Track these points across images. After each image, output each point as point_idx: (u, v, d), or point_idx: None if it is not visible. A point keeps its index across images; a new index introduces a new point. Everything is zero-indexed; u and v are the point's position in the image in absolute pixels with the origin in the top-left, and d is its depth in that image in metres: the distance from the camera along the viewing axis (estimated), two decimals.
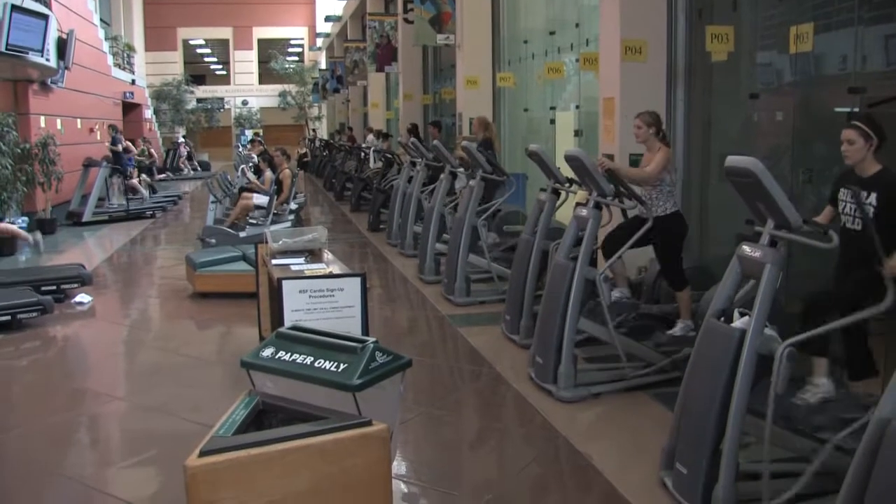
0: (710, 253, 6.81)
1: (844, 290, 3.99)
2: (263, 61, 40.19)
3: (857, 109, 5.10)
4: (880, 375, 4.05)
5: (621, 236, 5.41)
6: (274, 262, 4.67)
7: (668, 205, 5.48)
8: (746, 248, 3.55)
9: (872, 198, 3.86)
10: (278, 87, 38.88)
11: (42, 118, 14.14)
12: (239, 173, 12.75)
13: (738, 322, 3.44)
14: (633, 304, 5.75)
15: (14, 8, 11.46)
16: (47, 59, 13.06)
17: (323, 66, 34.86)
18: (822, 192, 5.54)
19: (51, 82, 14.50)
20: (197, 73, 39.69)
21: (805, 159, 5.80)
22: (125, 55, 25.06)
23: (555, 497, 3.95)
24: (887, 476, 2.48)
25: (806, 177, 5.65)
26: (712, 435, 3.38)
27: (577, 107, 9.68)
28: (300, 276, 4.13)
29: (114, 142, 17.81)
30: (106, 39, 21.37)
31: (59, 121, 15.13)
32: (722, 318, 3.56)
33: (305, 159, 28.16)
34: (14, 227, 8.74)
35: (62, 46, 13.90)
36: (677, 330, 5.58)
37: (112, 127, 18.67)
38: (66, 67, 14.47)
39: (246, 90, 40.91)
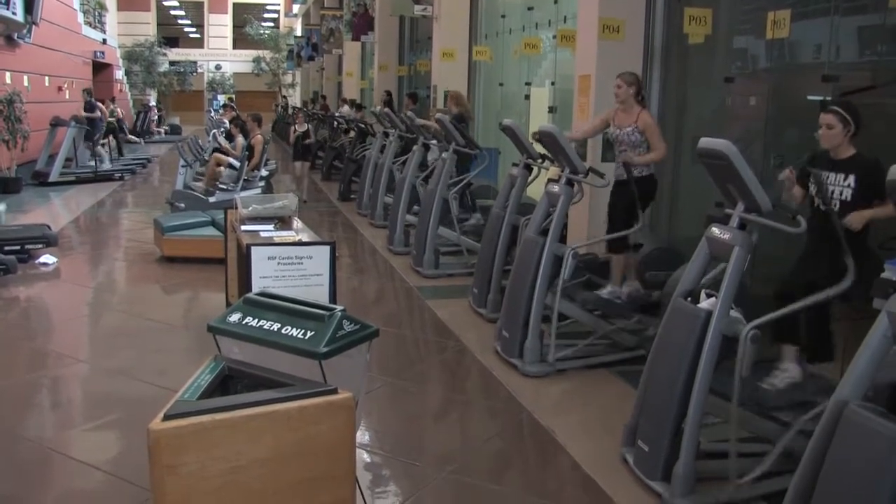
0: (679, 234, 6.85)
1: (817, 275, 4.04)
2: (238, 26, 39.72)
3: (829, 98, 5.14)
4: (836, 361, 4.12)
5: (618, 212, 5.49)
6: (243, 228, 4.63)
7: (644, 167, 5.54)
8: (715, 230, 3.58)
9: (851, 179, 3.91)
10: (252, 53, 38.49)
11: (8, 74, 13.85)
12: (210, 138, 12.61)
13: (705, 303, 3.48)
14: (646, 294, 5.66)
15: None
16: (13, 13, 12.79)
17: (298, 33, 34.49)
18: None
19: (17, 37, 14.18)
20: (170, 35, 39.13)
21: (777, 144, 5.85)
22: (96, 13, 24.57)
23: (517, 470, 3.99)
24: (841, 456, 2.52)
25: (777, 162, 5.70)
26: (674, 413, 3.43)
27: (553, 83, 9.67)
28: (269, 243, 4.10)
29: (90, 108, 17.51)
30: None
31: (26, 77, 14.83)
32: (688, 299, 3.59)
33: (307, 141, 16.69)
34: None
35: (30, 0, 13.60)
36: (605, 293, 5.63)
37: (87, 91, 18.34)
38: (34, 23, 14.18)
39: (220, 54, 40.42)
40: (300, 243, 4.10)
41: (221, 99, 34.06)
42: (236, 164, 10.44)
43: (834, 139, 3.97)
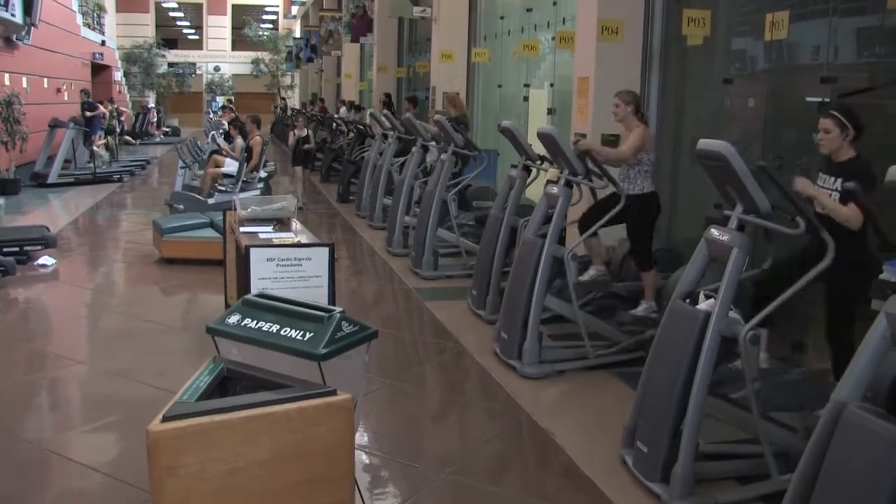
0: (678, 235, 6.86)
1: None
2: (237, 27, 39.72)
3: (827, 99, 5.15)
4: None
5: (597, 214, 5.45)
6: (242, 229, 4.64)
7: (645, 184, 5.52)
8: (714, 232, 3.58)
9: (838, 183, 3.93)
10: (251, 55, 38.48)
11: (7, 75, 13.84)
12: (209, 140, 12.60)
13: (704, 304, 3.48)
14: (606, 281, 5.74)
15: None
16: (12, 14, 12.79)
17: (297, 34, 34.50)
18: (792, 178, 5.60)
19: (16, 39, 14.18)
20: (169, 37, 39.11)
21: (776, 146, 5.85)
22: (95, 15, 24.56)
23: (516, 472, 3.99)
24: (840, 456, 2.52)
25: (776, 163, 5.70)
26: (673, 415, 3.42)
27: (552, 85, 9.67)
28: (268, 245, 4.11)
29: (91, 107, 17.52)
30: None
31: (24, 79, 14.82)
32: (687, 300, 3.59)
33: (307, 146, 13.55)
34: None
35: (28, 2, 13.60)
36: (640, 310, 5.63)
37: (84, 92, 18.33)
38: (33, 24, 14.17)
39: (218, 56, 40.41)
40: (299, 245, 4.11)
41: (220, 100, 34.01)
42: (232, 171, 10.44)
43: (832, 143, 3.99)
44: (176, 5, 41.02)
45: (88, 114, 17.18)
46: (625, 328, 5.42)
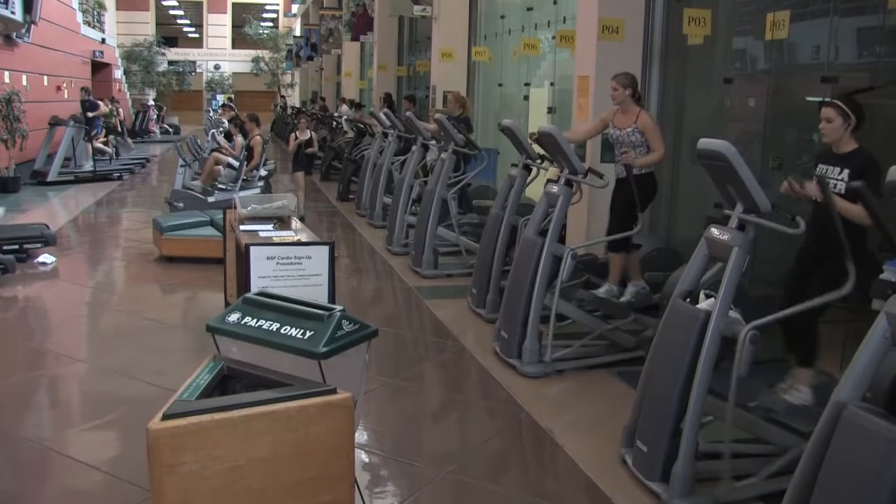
0: (678, 235, 6.85)
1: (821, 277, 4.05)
2: (237, 25, 39.71)
3: (828, 99, 5.14)
4: (821, 363, 4.13)
5: (619, 224, 5.48)
6: (242, 227, 4.63)
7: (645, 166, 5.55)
8: (715, 231, 3.58)
9: (845, 174, 3.92)
10: (251, 53, 38.49)
11: (6, 73, 13.83)
12: (209, 138, 12.60)
13: (704, 304, 3.48)
14: (648, 294, 5.63)
15: None
16: (12, 12, 12.77)
17: (298, 32, 34.50)
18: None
19: (16, 36, 14.17)
20: (169, 35, 39.11)
21: (776, 146, 5.85)
22: (95, 13, 24.54)
23: (516, 471, 3.98)
24: (840, 457, 2.52)
25: (776, 163, 5.70)
26: (673, 414, 3.43)
27: (552, 84, 9.67)
28: (268, 243, 4.10)
29: (92, 107, 17.52)
30: None
31: (24, 77, 14.81)
32: (688, 300, 3.59)
33: (310, 150, 11.61)
34: None
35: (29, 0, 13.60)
36: (601, 292, 5.62)
37: (84, 90, 18.33)
38: (33, 22, 14.17)
39: (218, 54, 40.41)
40: (299, 243, 4.11)
41: (220, 99, 34.00)
42: (235, 163, 10.44)
43: (834, 133, 3.98)
44: (176, 3, 41.00)
45: (90, 114, 17.17)
46: (585, 307, 5.41)
